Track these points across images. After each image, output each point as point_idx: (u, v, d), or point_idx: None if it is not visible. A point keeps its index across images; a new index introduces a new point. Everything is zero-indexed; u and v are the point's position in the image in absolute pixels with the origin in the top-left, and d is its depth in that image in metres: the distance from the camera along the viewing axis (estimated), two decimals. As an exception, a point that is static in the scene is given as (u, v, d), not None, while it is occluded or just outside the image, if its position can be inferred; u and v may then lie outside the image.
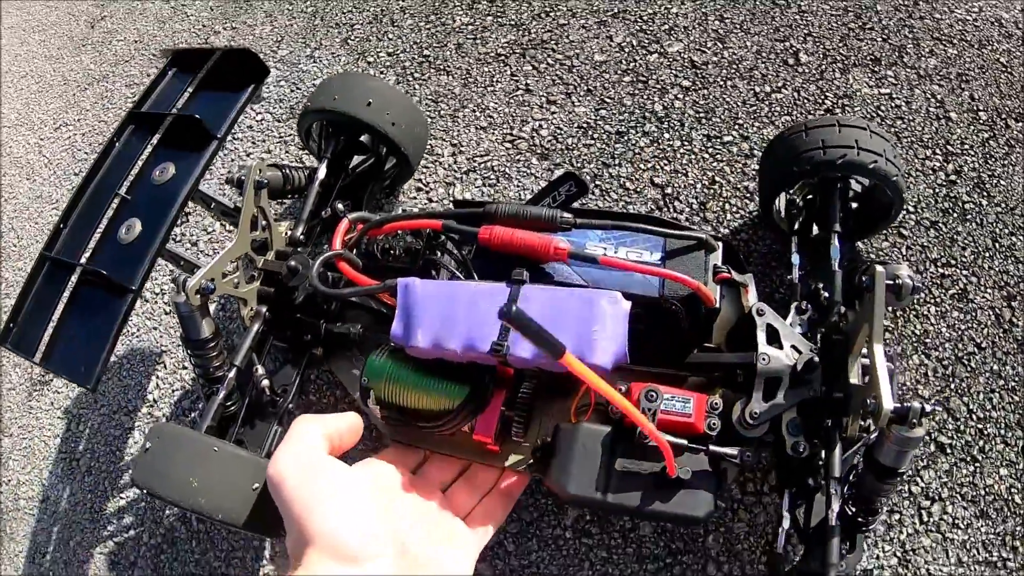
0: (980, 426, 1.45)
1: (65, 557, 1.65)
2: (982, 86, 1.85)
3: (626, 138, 1.80)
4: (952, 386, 1.49)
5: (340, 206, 1.46)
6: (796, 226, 1.46)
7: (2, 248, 2.26)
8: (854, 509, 1.17)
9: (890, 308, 1.43)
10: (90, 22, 2.88)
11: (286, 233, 1.41)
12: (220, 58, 1.39)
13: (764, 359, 1.19)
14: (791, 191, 1.49)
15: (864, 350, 1.12)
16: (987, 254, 1.63)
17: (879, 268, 1.15)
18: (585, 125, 1.83)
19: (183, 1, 2.68)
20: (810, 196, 1.51)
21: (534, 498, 1.40)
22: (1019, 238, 1.64)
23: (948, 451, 1.43)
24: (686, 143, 1.77)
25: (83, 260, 1.28)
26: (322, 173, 1.46)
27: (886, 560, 1.33)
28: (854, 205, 1.47)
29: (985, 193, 1.69)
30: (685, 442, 1.11)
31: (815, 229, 1.54)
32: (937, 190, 1.70)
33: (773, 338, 1.23)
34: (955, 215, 1.68)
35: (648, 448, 1.10)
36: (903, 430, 1.02)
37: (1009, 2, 1.98)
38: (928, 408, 1.01)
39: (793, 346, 1.23)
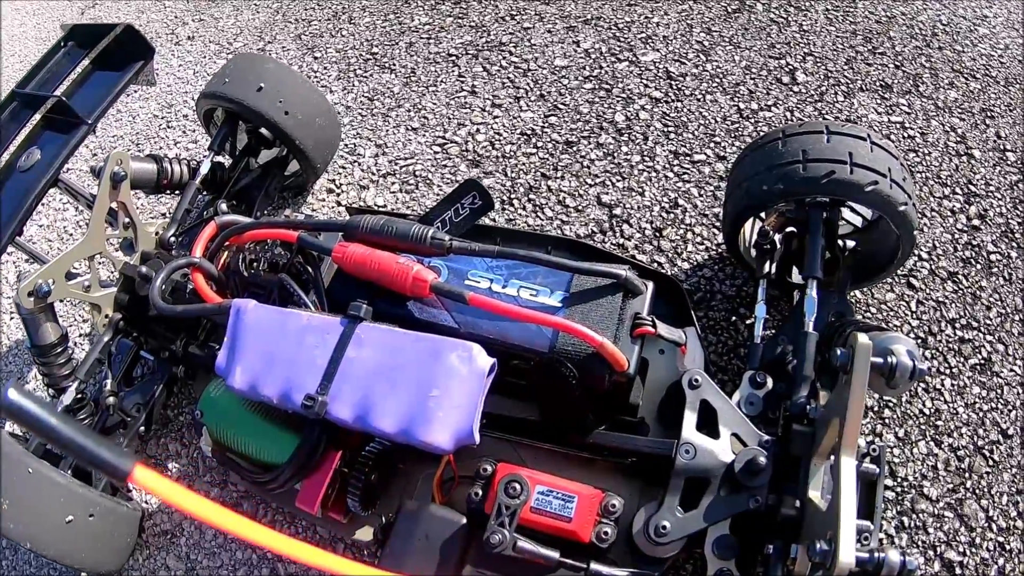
0: (1001, 539, 1.07)
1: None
2: (1009, 124, 1.58)
3: (575, 149, 1.58)
4: (968, 485, 1.10)
5: (224, 207, 1.31)
6: (768, 266, 1.07)
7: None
8: None
9: (878, 396, 1.08)
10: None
11: (157, 233, 1.26)
12: (116, 36, 1.26)
13: (687, 452, 0.87)
14: (764, 219, 1.11)
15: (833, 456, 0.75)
16: (1017, 316, 1.26)
17: (862, 339, 0.74)
18: (529, 132, 1.63)
19: (166, -7, 2.64)
20: (789, 228, 1.10)
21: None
22: (1055, 298, 1.23)
23: (958, 570, 1.05)
24: (647, 159, 1.54)
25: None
26: (204, 168, 1.30)
27: None
28: (849, 243, 1.08)
29: (1015, 243, 1.36)
30: (556, 556, 0.83)
31: (795, 272, 1.13)
32: (957, 235, 1.38)
33: (708, 420, 0.90)
34: (978, 266, 1.34)
35: (503, 557, 0.84)
36: None
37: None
38: (911, 564, 0.67)
39: (735, 435, 0.89)
